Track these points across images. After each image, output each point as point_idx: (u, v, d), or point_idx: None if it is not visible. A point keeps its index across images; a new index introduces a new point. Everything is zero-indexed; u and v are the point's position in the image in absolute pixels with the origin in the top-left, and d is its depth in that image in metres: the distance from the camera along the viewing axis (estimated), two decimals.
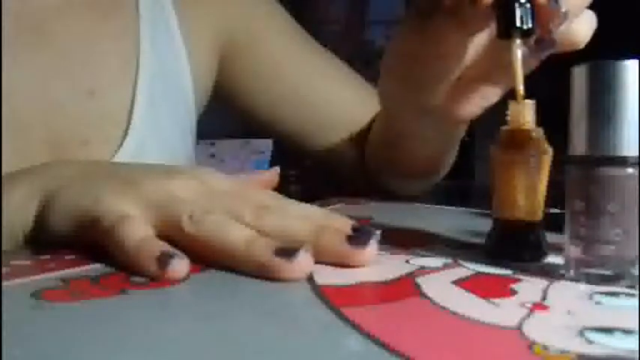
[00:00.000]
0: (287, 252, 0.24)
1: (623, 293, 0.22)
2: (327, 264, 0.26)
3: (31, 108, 0.42)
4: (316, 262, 0.25)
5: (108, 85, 0.46)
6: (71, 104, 0.44)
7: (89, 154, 0.44)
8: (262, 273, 0.24)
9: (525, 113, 0.27)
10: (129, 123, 0.46)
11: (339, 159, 0.56)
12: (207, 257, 0.26)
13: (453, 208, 0.45)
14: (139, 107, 0.46)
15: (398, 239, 0.31)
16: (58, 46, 0.44)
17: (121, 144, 0.45)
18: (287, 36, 0.57)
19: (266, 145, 1.95)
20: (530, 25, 0.27)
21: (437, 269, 0.26)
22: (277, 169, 0.38)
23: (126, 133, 0.45)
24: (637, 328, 0.18)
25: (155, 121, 0.47)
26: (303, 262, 0.24)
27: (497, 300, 0.21)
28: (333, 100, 0.56)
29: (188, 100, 0.52)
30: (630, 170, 0.23)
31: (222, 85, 0.57)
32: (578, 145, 0.24)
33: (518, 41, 0.27)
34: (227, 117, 0.68)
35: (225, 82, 0.57)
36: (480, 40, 0.32)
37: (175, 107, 0.50)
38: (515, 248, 0.27)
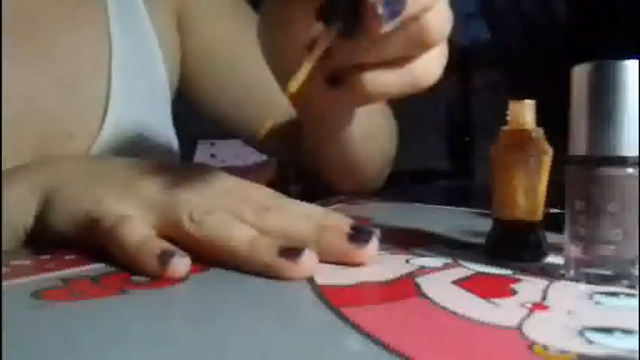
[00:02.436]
0: (291, 253, 0.24)
1: (623, 293, 0.22)
2: (327, 263, 0.26)
3: (16, 104, 0.42)
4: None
5: (84, 76, 0.46)
6: (53, 98, 0.44)
7: (74, 147, 0.44)
8: (266, 273, 0.24)
9: (525, 113, 0.27)
10: (106, 110, 0.46)
11: (280, 146, 0.54)
12: (209, 257, 0.26)
13: (453, 208, 0.45)
14: (114, 94, 0.46)
15: (398, 239, 0.31)
16: (33, 41, 0.44)
17: (99, 132, 0.45)
18: (225, 16, 0.56)
19: None
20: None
21: (437, 269, 0.26)
22: (274, 159, 0.38)
23: (103, 121, 0.45)
24: (637, 328, 0.18)
25: (132, 101, 0.48)
26: (308, 263, 0.24)
27: (497, 300, 0.21)
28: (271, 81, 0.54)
29: (161, 79, 0.52)
30: (630, 170, 0.23)
31: (182, 70, 0.56)
32: (578, 145, 0.24)
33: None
34: None
35: (182, 67, 0.56)
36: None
37: (151, 87, 0.50)
38: (515, 248, 0.27)
